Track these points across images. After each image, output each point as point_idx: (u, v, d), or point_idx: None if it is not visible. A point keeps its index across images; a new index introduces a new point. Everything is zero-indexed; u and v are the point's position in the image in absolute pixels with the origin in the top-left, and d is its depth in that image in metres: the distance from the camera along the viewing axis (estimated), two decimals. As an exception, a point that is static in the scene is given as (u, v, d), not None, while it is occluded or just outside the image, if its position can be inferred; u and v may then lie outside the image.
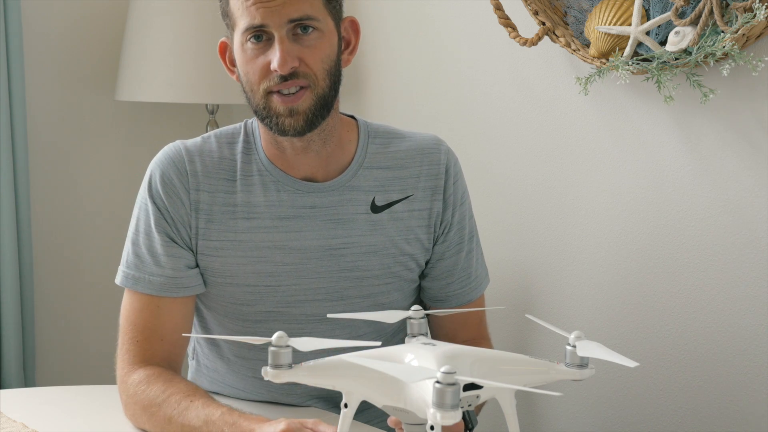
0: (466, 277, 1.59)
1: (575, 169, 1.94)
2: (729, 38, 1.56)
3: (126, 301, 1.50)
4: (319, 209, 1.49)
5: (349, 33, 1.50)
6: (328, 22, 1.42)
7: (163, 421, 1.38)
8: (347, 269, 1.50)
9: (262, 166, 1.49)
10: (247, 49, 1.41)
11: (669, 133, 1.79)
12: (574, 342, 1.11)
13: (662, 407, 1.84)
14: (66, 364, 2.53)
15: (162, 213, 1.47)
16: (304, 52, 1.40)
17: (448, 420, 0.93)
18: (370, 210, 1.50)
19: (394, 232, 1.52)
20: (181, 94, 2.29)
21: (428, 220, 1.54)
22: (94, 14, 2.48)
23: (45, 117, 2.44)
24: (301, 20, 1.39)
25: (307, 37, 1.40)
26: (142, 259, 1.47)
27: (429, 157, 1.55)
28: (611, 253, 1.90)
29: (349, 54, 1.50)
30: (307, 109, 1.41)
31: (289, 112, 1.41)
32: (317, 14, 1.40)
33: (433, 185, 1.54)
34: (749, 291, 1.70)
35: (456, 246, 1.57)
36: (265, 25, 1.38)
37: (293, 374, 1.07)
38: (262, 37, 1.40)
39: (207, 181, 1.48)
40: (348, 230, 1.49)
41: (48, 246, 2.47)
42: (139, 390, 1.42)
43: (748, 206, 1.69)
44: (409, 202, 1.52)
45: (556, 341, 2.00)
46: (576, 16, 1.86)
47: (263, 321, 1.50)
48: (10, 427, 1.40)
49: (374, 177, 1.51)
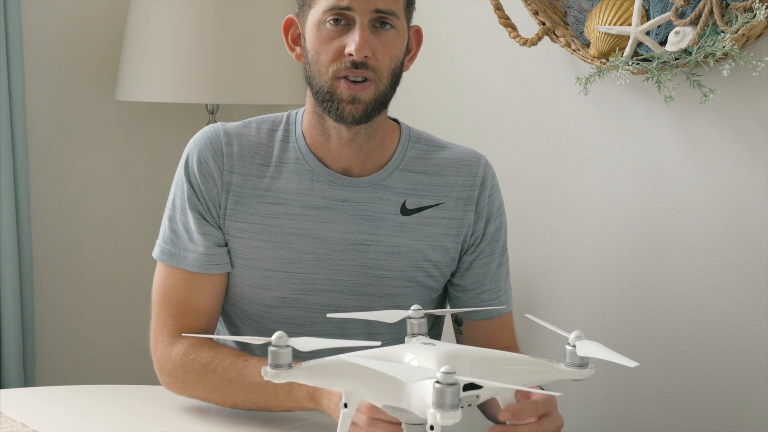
0: (496, 290, 1.60)
1: (575, 169, 1.94)
2: (729, 38, 1.56)
3: (160, 275, 1.53)
4: (350, 203, 1.51)
5: (412, 40, 1.53)
6: (403, 24, 1.47)
7: (223, 383, 1.42)
8: (368, 266, 1.51)
9: (299, 154, 1.52)
10: (324, 29, 1.43)
11: (669, 133, 1.79)
12: (574, 342, 1.11)
13: (662, 407, 1.84)
14: (66, 364, 2.53)
15: (195, 191, 1.51)
16: (378, 46, 1.43)
17: (448, 420, 0.93)
18: (399, 212, 1.52)
19: (420, 237, 1.53)
20: (181, 94, 2.29)
21: (458, 229, 1.55)
22: (94, 14, 2.48)
23: (45, 117, 2.44)
24: (385, 13, 1.42)
25: (385, 33, 1.43)
26: (177, 235, 1.52)
27: (467, 168, 1.56)
28: (611, 253, 1.90)
29: (409, 60, 1.53)
30: (368, 101, 1.44)
31: (352, 99, 1.43)
32: (399, 12, 1.44)
33: (467, 196, 1.55)
34: (749, 291, 1.70)
35: (487, 257, 1.58)
36: (351, 8, 1.41)
37: (293, 374, 1.07)
38: (341, 21, 1.42)
39: (241, 164, 1.51)
40: (375, 228, 1.51)
41: (48, 246, 2.47)
42: (188, 359, 1.46)
43: (748, 206, 1.69)
44: (440, 209, 1.54)
45: (556, 341, 2.00)
46: (576, 16, 1.86)
47: (278, 306, 1.52)
48: (10, 427, 1.40)
49: (409, 180, 1.53)
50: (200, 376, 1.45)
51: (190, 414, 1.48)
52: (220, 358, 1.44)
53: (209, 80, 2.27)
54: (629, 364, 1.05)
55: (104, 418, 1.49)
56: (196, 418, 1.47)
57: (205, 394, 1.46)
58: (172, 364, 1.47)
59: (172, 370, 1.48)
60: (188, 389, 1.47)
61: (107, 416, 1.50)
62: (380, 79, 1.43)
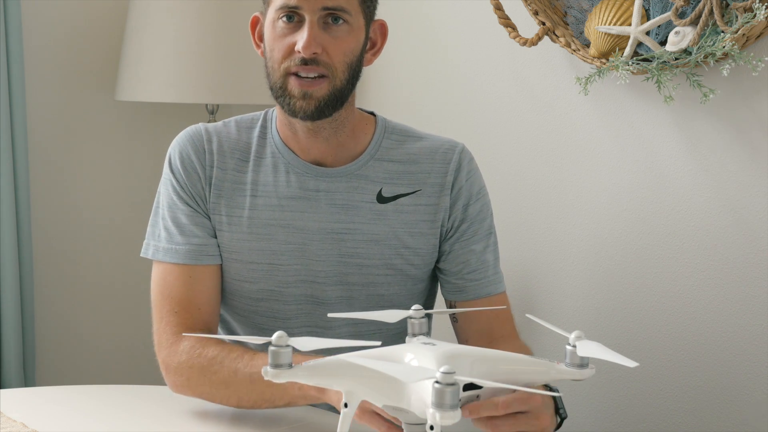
0: (483, 269, 1.59)
1: (575, 169, 1.94)
2: (729, 38, 1.56)
3: (157, 275, 1.54)
4: (325, 193, 1.53)
5: (376, 34, 1.55)
6: (358, 19, 1.48)
7: (229, 375, 1.42)
8: (348, 255, 1.53)
9: (275, 148, 1.55)
10: (277, 26, 1.46)
11: (669, 133, 1.79)
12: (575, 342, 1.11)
13: (662, 407, 1.84)
14: (66, 364, 2.53)
15: (182, 186, 1.54)
16: (329, 42, 1.44)
17: (448, 420, 0.93)
18: (376, 200, 1.54)
19: (398, 225, 1.54)
20: (181, 94, 2.29)
21: (434, 215, 1.56)
22: (94, 14, 2.48)
23: (45, 117, 2.44)
24: (334, 10, 1.44)
25: (337, 28, 1.45)
26: (169, 232, 1.54)
27: (442, 156, 1.58)
28: (611, 253, 1.90)
29: (373, 55, 1.55)
30: (321, 98, 1.46)
31: (303, 95, 1.45)
32: (350, 8, 1.46)
33: (442, 182, 1.56)
34: (749, 291, 1.70)
35: (470, 239, 1.58)
36: (300, 7, 1.43)
37: (293, 374, 1.07)
38: (293, 18, 1.45)
39: (221, 159, 1.55)
40: (352, 216, 1.53)
41: (48, 246, 2.47)
42: (194, 354, 1.46)
43: (748, 206, 1.69)
44: (416, 196, 1.55)
45: (556, 341, 2.00)
46: (576, 16, 1.86)
47: (264, 300, 1.55)
48: (10, 427, 1.40)
49: (384, 169, 1.55)
50: (206, 370, 1.45)
51: (191, 414, 1.48)
52: (227, 351, 1.44)
53: (209, 80, 2.27)
54: (629, 365, 1.05)
55: (104, 418, 1.49)
56: (197, 418, 1.47)
57: (210, 390, 1.46)
58: (178, 360, 1.47)
59: (178, 367, 1.47)
60: (194, 386, 1.47)
61: (107, 416, 1.50)
62: (334, 74, 1.45)
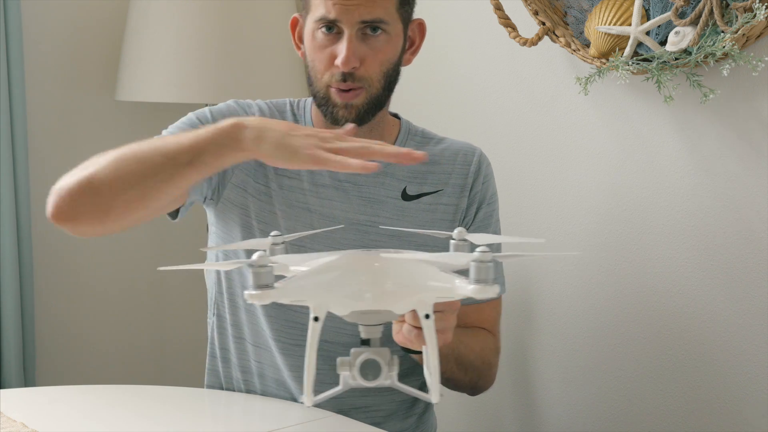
0: None
1: (575, 169, 1.94)
2: (729, 38, 1.56)
3: None
4: (353, 185, 1.57)
5: (415, 34, 1.58)
6: (396, 26, 1.50)
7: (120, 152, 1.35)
8: (368, 247, 1.55)
9: None
10: (317, 37, 1.49)
11: (669, 133, 1.79)
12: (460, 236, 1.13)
13: (662, 407, 1.84)
14: (66, 364, 2.53)
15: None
16: (367, 54, 1.47)
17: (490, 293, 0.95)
18: (400, 197, 1.58)
19: (419, 222, 1.58)
20: (181, 94, 2.29)
21: (453, 215, 1.60)
22: (94, 14, 2.48)
23: (45, 117, 2.44)
24: (372, 22, 1.46)
25: (375, 38, 1.48)
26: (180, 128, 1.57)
27: (463, 158, 1.63)
28: (611, 253, 1.90)
29: (412, 54, 1.59)
30: (360, 106, 1.49)
31: (345, 105, 1.49)
32: (389, 18, 1.48)
33: (463, 183, 1.62)
34: (749, 291, 1.70)
35: None
36: (338, 20, 1.46)
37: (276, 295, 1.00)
38: (333, 29, 1.47)
39: None
40: (377, 210, 1.57)
41: (48, 246, 2.47)
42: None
43: (748, 206, 1.69)
44: (438, 196, 1.60)
45: (556, 341, 2.00)
46: (576, 16, 1.86)
47: None
48: (10, 427, 1.40)
49: (408, 168, 1.59)
50: (91, 161, 1.34)
51: (191, 414, 1.48)
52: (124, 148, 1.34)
53: (210, 80, 2.27)
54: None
55: (104, 418, 1.49)
56: (197, 418, 1.47)
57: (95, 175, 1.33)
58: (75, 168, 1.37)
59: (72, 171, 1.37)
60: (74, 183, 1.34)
61: (107, 416, 1.50)
62: (370, 84, 1.49)
